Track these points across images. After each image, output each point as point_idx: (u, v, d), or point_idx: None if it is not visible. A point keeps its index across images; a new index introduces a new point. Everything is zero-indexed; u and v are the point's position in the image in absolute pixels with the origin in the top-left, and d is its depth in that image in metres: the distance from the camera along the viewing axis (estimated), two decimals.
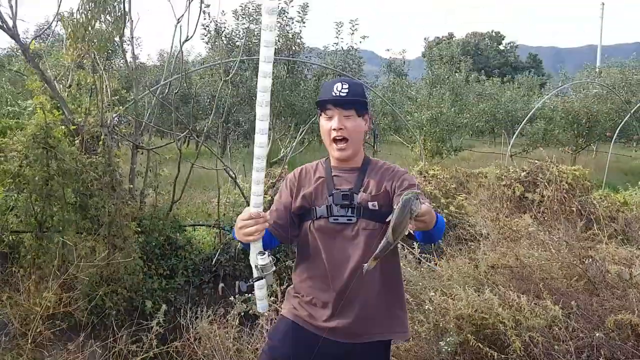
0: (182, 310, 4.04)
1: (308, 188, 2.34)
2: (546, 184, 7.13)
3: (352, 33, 12.28)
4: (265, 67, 1.94)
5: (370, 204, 2.23)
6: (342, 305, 2.23)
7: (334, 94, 2.25)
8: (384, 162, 2.43)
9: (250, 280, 2.19)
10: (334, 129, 2.24)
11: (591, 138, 17.80)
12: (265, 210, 2.19)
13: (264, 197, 5.91)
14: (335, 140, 2.26)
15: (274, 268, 2.19)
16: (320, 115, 2.33)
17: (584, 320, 3.86)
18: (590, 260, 4.71)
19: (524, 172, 7.57)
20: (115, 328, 4.12)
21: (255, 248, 2.14)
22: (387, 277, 2.31)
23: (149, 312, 4.74)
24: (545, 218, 6.57)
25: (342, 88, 2.25)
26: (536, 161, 7.91)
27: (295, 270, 2.45)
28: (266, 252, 2.15)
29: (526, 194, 7.25)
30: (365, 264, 2.02)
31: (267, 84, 1.98)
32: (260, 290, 2.22)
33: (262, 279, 2.17)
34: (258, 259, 2.14)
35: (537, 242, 5.01)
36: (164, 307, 3.85)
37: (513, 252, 4.56)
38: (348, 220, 2.24)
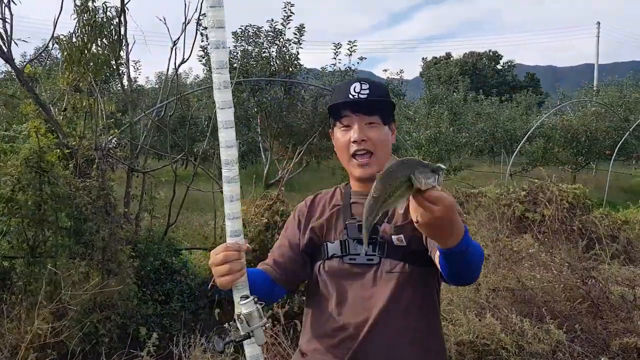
0: (175, 338, 3.93)
1: (319, 219, 1.85)
2: (546, 203, 7.06)
3: (350, 54, 12.33)
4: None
5: (394, 237, 1.70)
6: None
7: (351, 96, 1.76)
8: None
9: (229, 337, 1.54)
10: (354, 141, 1.74)
11: (590, 156, 17.76)
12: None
13: (261, 219, 5.88)
14: (355, 155, 1.76)
15: (264, 320, 1.52)
16: (334, 126, 1.83)
17: (589, 344, 3.76)
18: (593, 281, 4.62)
19: (524, 192, 7.50)
20: (104, 357, 4.00)
21: (238, 292, 1.54)
22: (422, 323, 1.72)
23: (143, 339, 4.63)
24: (546, 238, 6.48)
25: (361, 89, 1.76)
26: (536, 180, 7.85)
27: (303, 326, 1.92)
28: (251, 297, 1.52)
29: (526, 213, 7.18)
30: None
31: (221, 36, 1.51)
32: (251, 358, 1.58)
33: (249, 337, 1.51)
34: (240, 305, 1.50)
35: (538, 263, 4.92)
36: (155, 335, 3.75)
37: (514, 274, 4.47)
38: (369, 260, 1.71)
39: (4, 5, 5.05)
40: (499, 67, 51.51)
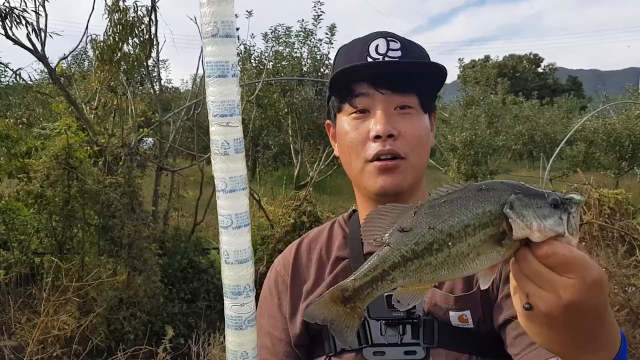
0: (194, 336, 3.91)
1: (315, 287, 1.15)
2: (584, 208, 6.79)
3: None
4: None
5: (453, 314, 1.03)
6: None
7: (371, 58, 1.06)
8: None
9: None
10: (377, 137, 1.03)
11: (635, 161, 17.13)
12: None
13: (288, 220, 5.82)
14: (376, 159, 1.05)
15: None
16: (339, 111, 1.12)
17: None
18: (633, 288, 4.43)
19: None
20: (122, 351, 3.99)
21: None
22: None
23: (170, 339, 4.64)
24: (584, 244, 6.23)
25: (388, 48, 1.05)
26: (575, 185, 7.58)
27: None
28: None
29: None
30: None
31: None
32: None
33: None
34: None
35: None
36: (171, 332, 3.73)
37: None
38: (407, 353, 1.03)
39: (38, 4, 5.15)
40: (539, 70, 50.38)
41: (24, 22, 4.91)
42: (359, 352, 1.05)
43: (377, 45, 1.06)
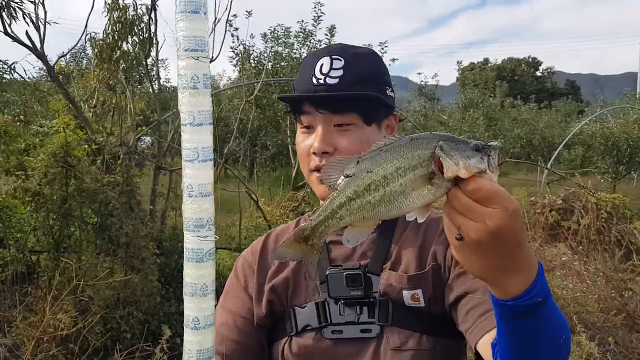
0: None
1: (281, 272, 1.23)
2: (582, 212, 6.80)
3: (382, 55, 12.18)
4: None
5: (406, 294, 1.11)
6: None
7: (315, 79, 1.14)
8: None
9: None
10: (313, 152, 1.15)
11: (632, 165, 17.16)
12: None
13: (286, 221, 5.81)
14: (316, 170, 1.16)
15: None
16: (296, 121, 1.24)
17: (623, 358, 3.59)
18: (630, 293, 4.43)
19: (560, 199, 7.26)
20: (118, 351, 3.98)
21: None
22: None
23: (167, 339, 4.63)
24: (582, 248, 6.24)
25: (331, 68, 1.14)
26: (573, 188, 7.59)
27: None
28: None
29: (561, 222, 6.93)
30: None
31: None
32: None
33: None
34: None
35: (572, 273, 4.72)
36: (168, 331, 3.72)
37: None
38: (363, 331, 1.12)
39: (38, 2, 5.14)
40: (538, 73, 50.44)
41: (21, 15, 4.89)
42: (319, 331, 1.14)
43: (321, 65, 1.15)
